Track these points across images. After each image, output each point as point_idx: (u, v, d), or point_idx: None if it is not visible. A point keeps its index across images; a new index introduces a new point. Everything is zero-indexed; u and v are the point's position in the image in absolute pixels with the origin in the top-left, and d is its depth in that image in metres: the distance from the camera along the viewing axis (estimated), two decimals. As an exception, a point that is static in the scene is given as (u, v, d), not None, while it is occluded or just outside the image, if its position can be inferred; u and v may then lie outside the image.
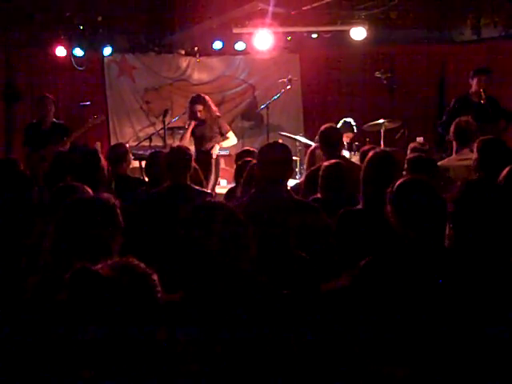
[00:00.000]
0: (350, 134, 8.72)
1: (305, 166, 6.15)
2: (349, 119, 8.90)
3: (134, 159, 7.45)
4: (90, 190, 3.49)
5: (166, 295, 2.04)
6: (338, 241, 3.67)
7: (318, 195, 4.48)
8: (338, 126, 8.54)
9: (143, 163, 7.33)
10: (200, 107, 8.28)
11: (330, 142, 5.62)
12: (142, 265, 1.96)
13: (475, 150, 4.58)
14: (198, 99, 8.38)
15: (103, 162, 4.51)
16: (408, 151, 6.21)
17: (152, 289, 1.93)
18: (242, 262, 2.40)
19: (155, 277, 1.95)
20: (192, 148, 6.77)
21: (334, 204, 4.12)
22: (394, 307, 2.55)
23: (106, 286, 1.86)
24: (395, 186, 2.84)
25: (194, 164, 5.06)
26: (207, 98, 8.43)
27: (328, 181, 4.44)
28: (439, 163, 5.36)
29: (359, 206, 3.73)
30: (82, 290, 1.86)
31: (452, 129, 5.74)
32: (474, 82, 7.29)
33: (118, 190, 5.32)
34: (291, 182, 5.79)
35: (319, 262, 3.55)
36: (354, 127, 8.82)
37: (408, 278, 2.57)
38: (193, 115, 8.29)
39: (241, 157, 5.82)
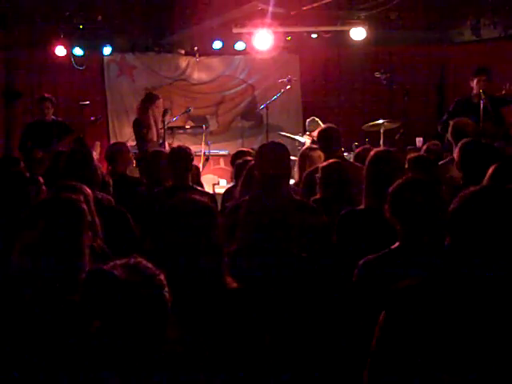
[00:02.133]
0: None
1: (296, 168, 6.11)
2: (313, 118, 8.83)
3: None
4: (88, 190, 3.48)
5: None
6: (339, 241, 3.65)
7: (317, 196, 4.47)
8: (307, 123, 8.56)
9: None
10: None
11: (330, 143, 5.61)
12: (150, 265, 1.96)
13: (457, 150, 4.57)
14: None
15: (96, 161, 4.50)
16: (422, 151, 6.20)
17: (161, 289, 1.94)
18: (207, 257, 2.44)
19: (162, 277, 1.96)
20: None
21: (334, 203, 4.12)
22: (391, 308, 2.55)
23: (121, 288, 1.86)
24: (394, 186, 2.84)
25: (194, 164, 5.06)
26: None
27: (327, 180, 4.44)
28: (441, 162, 5.36)
29: (361, 206, 3.72)
30: (97, 290, 1.87)
31: (450, 129, 5.74)
32: (474, 84, 7.27)
33: (115, 189, 5.32)
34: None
35: (318, 261, 3.55)
36: (320, 123, 8.71)
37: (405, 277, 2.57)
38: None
39: (237, 157, 5.81)
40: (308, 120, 8.64)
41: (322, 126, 8.38)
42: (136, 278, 1.89)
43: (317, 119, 8.75)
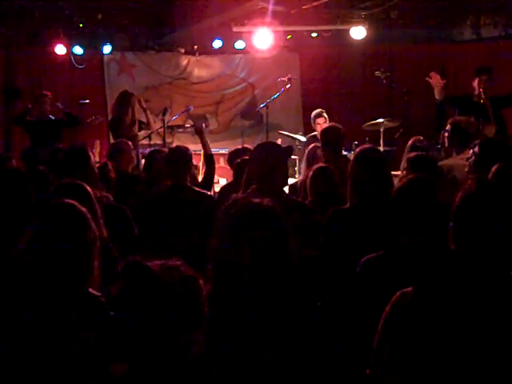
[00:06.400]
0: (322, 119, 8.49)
1: (303, 165, 6.11)
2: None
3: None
4: (89, 188, 3.47)
5: None
6: (327, 240, 3.64)
7: (309, 199, 4.49)
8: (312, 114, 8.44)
9: (142, 161, 7.33)
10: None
11: (330, 142, 5.61)
12: (189, 268, 1.93)
13: (476, 149, 4.56)
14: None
15: (93, 160, 4.50)
16: (406, 149, 6.17)
17: (196, 293, 1.92)
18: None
19: (201, 281, 1.94)
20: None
21: (321, 207, 4.12)
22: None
23: (156, 283, 1.85)
24: (400, 185, 2.82)
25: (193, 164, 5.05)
26: None
27: (314, 185, 4.47)
28: (443, 162, 5.35)
29: (347, 206, 3.70)
30: (133, 283, 1.86)
31: (450, 128, 5.71)
32: (475, 83, 7.23)
33: (117, 187, 5.32)
34: (290, 181, 5.78)
35: (317, 261, 3.55)
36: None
37: (407, 277, 2.57)
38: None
39: (236, 155, 5.79)
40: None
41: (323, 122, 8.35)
42: (172, 277, 1.87)
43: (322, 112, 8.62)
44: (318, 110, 8.49)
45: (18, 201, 3.51)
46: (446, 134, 5.69)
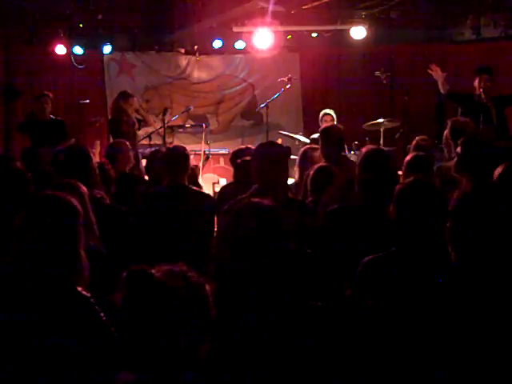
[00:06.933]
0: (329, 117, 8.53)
1: (296, 168, 6.09)
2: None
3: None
4: (84, 188, 3.46)
5: None
6: (329, 237, 3.65)
7: (309, 199, 4.50)
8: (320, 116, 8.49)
9: (143, 161, 7.34)
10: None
11: (330, 142, 5.60)
12: (195, 273, 1.91)
13: (458, 149, 4.56)
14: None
15: (94, 160, 4.50)
16: (411, 149, 6.17)
17: (205, 299, 1.90)
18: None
19: (207, 287, 1.92)
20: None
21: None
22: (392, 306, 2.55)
23: (160, 290, 1.83)
24: (401, 186, 2.83)
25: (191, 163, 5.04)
26: None
27: (316, 184, 4.47)
28: (442, 163, 5.35)
29: (352, 203, 3.71)
30: (137, 291, 1.83)
31: (448, 129, 5.71)
32: (476, 83, 7.23)
33: (118, 187, 5.32)
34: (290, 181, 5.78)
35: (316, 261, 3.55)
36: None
37: (407, 278, 2.57)
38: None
39: (239, 155, 5.79)
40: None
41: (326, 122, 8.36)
42: (177, 283, 1.84)
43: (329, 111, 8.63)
44: (327, 110, 8.52)
45: (19, 201, 3.51)
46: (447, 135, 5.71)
